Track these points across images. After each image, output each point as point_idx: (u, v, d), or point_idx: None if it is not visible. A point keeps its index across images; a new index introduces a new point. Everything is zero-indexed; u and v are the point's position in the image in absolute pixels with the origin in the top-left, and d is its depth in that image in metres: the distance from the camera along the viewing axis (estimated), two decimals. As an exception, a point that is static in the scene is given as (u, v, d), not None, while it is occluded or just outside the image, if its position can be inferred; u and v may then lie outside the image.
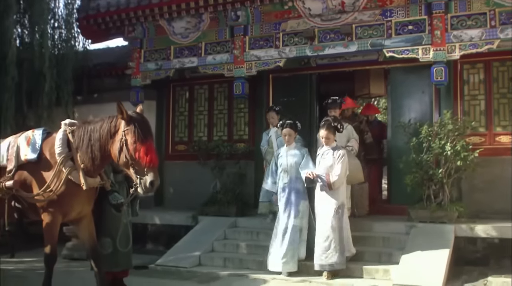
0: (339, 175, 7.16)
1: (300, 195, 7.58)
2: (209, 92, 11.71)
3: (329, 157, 7.32)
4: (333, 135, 7.36)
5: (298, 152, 7.73)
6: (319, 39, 9.28)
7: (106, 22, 10.71)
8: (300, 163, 7.59)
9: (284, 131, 7.74)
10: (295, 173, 7.60)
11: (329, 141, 7.36)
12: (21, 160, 5.78)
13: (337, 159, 7.23)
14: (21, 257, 8.41)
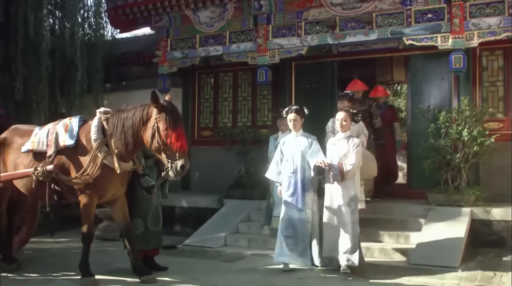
0: (354, 165, 6.57)
1: (307, 186, 6.89)
2: (234, 79, 12.04)
3: (343, 145, 6.74)
4: (350, 121, 6.82)
5: (306, 140, 6.97)
6: (340, 27, 9.49)
7: (134, 12, 11.05)
8: (308, 151, 6.88)
9: (289, 117, 7.03)
10: (301, 162, 6.90)
11: (345, 127, 6.79)
12: (60, 145, 6.20)
13: (352, 147, 6.66)
14: (56, 237, 8.87)
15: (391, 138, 10.58)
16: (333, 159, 6.76)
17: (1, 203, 6.93)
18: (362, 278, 6.31)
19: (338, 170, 6.57)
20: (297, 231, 6.83)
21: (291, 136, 7.11)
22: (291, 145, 7.01)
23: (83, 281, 5.98)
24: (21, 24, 10.67)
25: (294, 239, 6.81)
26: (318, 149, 6.86)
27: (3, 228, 7.03)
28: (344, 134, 6.83)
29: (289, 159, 6.96)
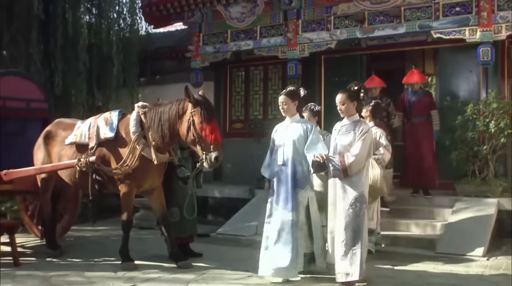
0: (358, 155, 5.35)
1: (300, 182, 5.68)
2: (264, 73, 12.29)
3: (349, 132, 5.53)
4: (352, 103, 5.59)
5: (300, 127, 5.79)
6: (369, 21, 9.64)
7: (167, 8, 11.35)
8: (302, 141, 5.71)
9: (279, 99, 5.95)
10: (293, 153, 5.73)
11: (347, 111, 5.60)
12: (101, 138, 6.56)
13: (359, 134, 5.44)
14: (95, 226, 9.30)
15: (428, 129, 9.25)
16: (337, 149, 5.60)
17: (46, 192, 7.35)
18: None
19: (339, 164, 5.39)
20: (282, 236, 5.67)
21: (284, 123, 5.98)
22: (283, 133, 5.89)
23: (124, 266, 6.33)
24: (60, 22, 11.13)
25: (279, 246, 5.68)
26: (317, 139, 5.72)
27: (47, 216, 7.44)
28: (350, 119, 5.62)
29: (279, 149, 5.84)
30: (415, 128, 9.17)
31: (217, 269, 6.34)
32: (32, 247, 8.00)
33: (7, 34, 10.92)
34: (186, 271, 6.22)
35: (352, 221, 5.40)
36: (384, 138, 7.09)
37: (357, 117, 5.64)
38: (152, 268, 6.39)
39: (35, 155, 7.31)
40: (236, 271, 6.27)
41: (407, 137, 9.25)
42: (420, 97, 9.36)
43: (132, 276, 5.97)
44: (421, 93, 9.49)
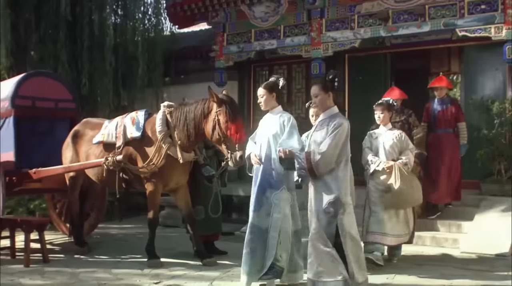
0: (325, 153, 4.64)
1: (274, 182, 5.17)
2: (288, 72, 12.32)
3: (323, 128, 4.85)
4: (327, 94, 4.89)
5: (278, 120, 5.31)
6: (393, 20, 9.61)
7: (191, 9, 11.46)
8: (278, 136, 5.21)
9: (258, 92, 5.58)
10: (268, 150, 5.27)
11: (321, 104, 4.95)
12: (128, 137, 6.68)
13: (330, 129, 4.73)
14: (121, 224, 9.45)
15: (454, 142, 8.36)
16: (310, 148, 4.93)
17: (74, 191, 7.50)
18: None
19: (304, 163, 4.74)
20: (255, 242, 5.23)
21: (265, 118, 5.60)
22: (262, 128, 5.50)
23: (150, 263, 6.43)
24: (86, 23, 11.31)
25: (252, 253, 5.25)
26: (291, 133, 5.17)
27: (75, 214, 7.59)
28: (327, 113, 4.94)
29: (257, 146, 5.43)
30: (440, 141, 8.29)
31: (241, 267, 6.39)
32: (60, 244, 8.18)
33: (35, 36, 11.14)
34: (211, 269, 6.30)
35: (323, 228, 4.66)
36: (410, 141, 6.70)
37: (334, 111, 4.89)
38: (178, 265, 6.47)
39: (63, 154, 7.46)
40: (261, 269, 6.30)
41: (431, 150, 8.25)
42: (447, 107, 8.40)
43: (158, 273, 6.06)
44: (448, 102, 8.46)
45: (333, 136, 4.69)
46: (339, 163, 4.73)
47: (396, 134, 6.55)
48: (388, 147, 6.48)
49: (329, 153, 4.66)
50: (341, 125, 4.73)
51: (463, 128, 8.40)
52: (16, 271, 6.19)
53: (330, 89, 4.90)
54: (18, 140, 7.58)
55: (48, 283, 5.67)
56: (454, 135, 8.40)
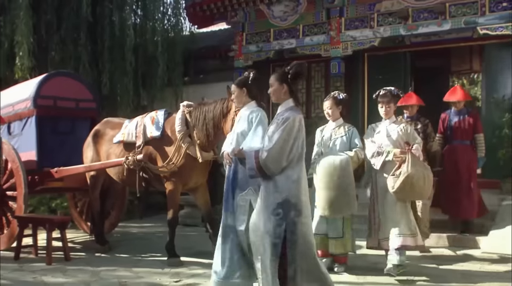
0: (272, 149, 4.20)
1: (240, 183, 4.85)
2: (307, 71, 12.26)
3: (273, 124, 4.41)
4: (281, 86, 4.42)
5: (247, 117, 5.04)
6: (413, 18, 9.57)
7: (210, 9, 11.54)
8: (246, 134, 4.97)
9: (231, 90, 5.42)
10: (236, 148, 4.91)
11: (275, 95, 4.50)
12: (148, 136, 6.72)
13: (280, 124, 4.28)
14: (141, 222, 9.53)
15: (471, 155, 7.73)
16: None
17: (95, 190, 7.57)
18: None
19: (253, 161, 4.31)
20: (219, 241, 4.96)
21: (238, 114, 5.37)
22: (234, 127, 5.30)
23: (170, 261, 6.47)
24: (107, 24, 11.45)
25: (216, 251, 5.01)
26: (256, 130, 4.89)
27: (96, 212, 7.67)
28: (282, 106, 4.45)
29: (228, 144, 5.18)
30: (456, 154, 7.70)
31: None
32: (81, 242, 8.26)
33: (56, 37, 11.29)
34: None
35: (271, 232, 4.21)
36: (417, 135, 6.19)
37: (288, 104, 4.42)
38: (197, 264, 6.49)
39: (84, 153, 7.54)
40: (280, 267, 6.31)
41: (446, 163, 7.62)
42: (464, 117, 7.79)
43: (178, 271, 6.09)
44: (465, 113, 7.83)
45: (281, 131, 4.24)
46: (290, 160, 4.26)
47: (402, 127, 6.01)
48: (394, 139, 5.94)
49: (276, 150, 4.21)
50: (289, 119, 4.26)
51: (481, 140, 7.78)
52: (38, 269, 6.27)
53: (285, 81, 4.42)
54: (40, 139, 7.69)
55: (69, 281, 5.73)
56: (472, 147, 7.78)
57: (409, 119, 7.21)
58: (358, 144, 5.98)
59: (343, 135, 6.04)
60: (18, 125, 8.01)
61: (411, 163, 5.63)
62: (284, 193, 4.23)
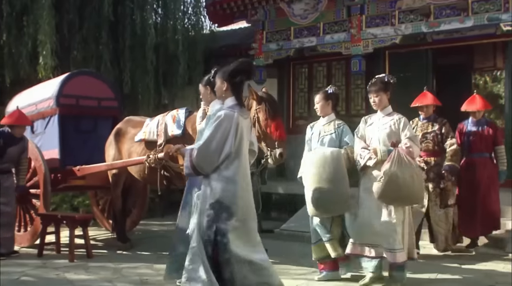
0: (201, 148, 4.16)
1: (197, 181, 4.66)
2: (327, 69, 12.27)
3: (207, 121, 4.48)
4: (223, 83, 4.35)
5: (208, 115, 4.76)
6: (435, 15, 9.49)
7: (230, 7, 11.56)
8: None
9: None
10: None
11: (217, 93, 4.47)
12: (169, 135, 6.74)
13: (211, 122, 4.27)
14: (162, 220, 9.57)
15: (491, 168, 7.15)
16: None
17: (116, 188, 7.62)
18: None
19: (188, 158, 4.23)
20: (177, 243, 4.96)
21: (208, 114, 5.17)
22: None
23: (191, 259, 6.49)
24: (128, 23, 11.54)
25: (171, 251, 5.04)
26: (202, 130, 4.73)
27: (118, 210, 7.72)
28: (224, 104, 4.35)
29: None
30: (474, 167, 7.06)
31: (282, 264, 6.40)
32: (103, 240, 8.33)
33: (78, 36, 11.41)
34: (251, 266, 6.30)
35: (196, 233, 4.17)
36: (409, 128, 5.34)
37: (228, 103, 4.32)
38: (218, 262, 6.50)
39: (106, 151, 7.60)
40: (301, 266, 6.32)
41: (463, 177, 7.01)
42: (483, 128, 7.17)
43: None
44: (484, 123, 7.24)
45: (211, 129, 4.17)
46: (224, 160, 4.16)
47: (395, 120, 5.34)
48: (384, 135, 5.28)
49: (204, 148, 4.14)
50: (221, 116, 4.17)
51: (502, 152, 7.15)
52: (61, 266, 6.34)
53: (226, 78, 4.32)
54: (63, 138, 7.77)
55: (92, 278, 5.79)
56: (491, 160, 7.18)
57: (425, 120, 6.97)
58: (349, 142, 5.57)
59: (332, 133, 5.66)
60: (41, 124, 8.11)
61: (397, 161, 4.97)
62: (217, 194, 4.14)
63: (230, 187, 4.16)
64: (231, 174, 4.17)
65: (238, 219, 4.13)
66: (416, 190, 5.08)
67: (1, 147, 7.02)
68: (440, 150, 6.84)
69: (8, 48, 10.82)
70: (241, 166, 4.24)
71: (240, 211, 4.15)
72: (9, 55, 10.85)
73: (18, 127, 7.15)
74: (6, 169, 7.13)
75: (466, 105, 7.35)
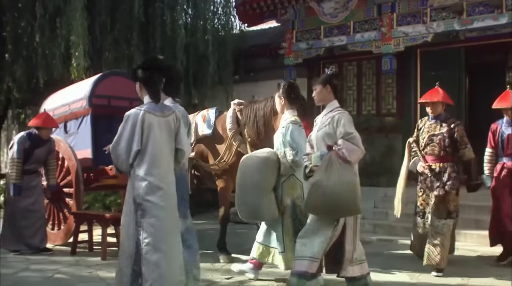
0: (112, 148, 4.30)
1: None
2: (358, 68, 12.19)
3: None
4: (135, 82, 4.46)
5: None
6: (468, 13, 9.35)
7: (260, 7, 11.58)
8: None
9: None
10: None
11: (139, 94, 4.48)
12: (199, 135, 6.79)
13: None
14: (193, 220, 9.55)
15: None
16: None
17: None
18: None
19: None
20: None
21: None
22: None
23: (221, 258, 6.52)
24: (158, 23, 11.65)
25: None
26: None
27: (149, 209, 7.77)
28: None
29: None
30: (509, 173, 6.29)
31: (313, 264, 6.36)
32: (134, 238, 8.38)
33: (110, 37, 11.53)
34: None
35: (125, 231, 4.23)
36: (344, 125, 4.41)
37: (145, 101, 4.38)
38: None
39: (138, 151, 7.64)
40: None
41: (497, 183, 6.35)
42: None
43: (229, 268, 6.10)
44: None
45: (119, 129, 4.28)
46: (134, 158, 4.20)
47: (331, 117, 4.50)
48: (320, 137, 4.58)
49: (114, 147, 4.25)
50: (129, 115, 4.27)
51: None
52: (93, 264, 6.42)
53: (139, 77, 4.39)
54: (95, 138, 7.84)
55: (124, 276, 5.84)
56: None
57: (434, 120, 6.08)
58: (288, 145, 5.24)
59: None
60: (74, 124, 8.21)
61: (325, 167, 4.32)
62: (134, 191, 4.19)
63: (143, 184, 4.16)
64: (141, 172, 4.18)
65: (152, 216, 4.13)
66: (348, 199, 4.27)
67: (29, 149, 7.20)
68: (447, 155, 5.93)
69: (41, 49, 11.00)
70: (153, 163, 4.21)
71: (153, 209, 4.14)
72: (43, 57, 11.02)
73: (44, 129, 7.28)
74: (33, 170, 7.32)
75: (498, 102, 6.54)
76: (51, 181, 7.42)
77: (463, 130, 6.01)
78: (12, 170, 7.11)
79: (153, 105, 4.33)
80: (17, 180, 7.06)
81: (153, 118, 4.25)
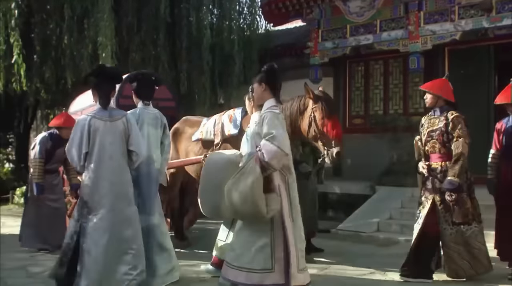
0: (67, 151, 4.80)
1: None
2: (384, 67, 12.08)
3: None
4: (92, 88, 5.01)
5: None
6: (497, 10, 9.18)
7: (286, 6, 11.54)
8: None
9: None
10: None
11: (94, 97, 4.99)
12: (225, 134, 6.78)
13: None
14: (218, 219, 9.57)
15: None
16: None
17: (174, 187, 7.72)
18: None
19: None
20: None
21: None
22: None
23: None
24: (184, 24, 11.73)
25: None
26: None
27: (175, 209, 7.84)
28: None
29: None
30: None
31: (339, 265, 6.36)
32: (161, 238, 8.43)
33: (137, 38, 11.65)
34: (309, 266, 6.21)
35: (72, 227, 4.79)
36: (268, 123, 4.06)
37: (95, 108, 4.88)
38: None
39: (164, 151, 7.71)
40: (358, 267, 6.25)
41: (502, 184, 5.80)
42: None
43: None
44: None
45: (71, 132, 4.77)
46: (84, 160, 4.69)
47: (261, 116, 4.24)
48: (251, 137, 4.43)
49: (69, 150, 4.71)
50: (78, 121, 4.78)
51: None
52: (121, 263, 6.47)
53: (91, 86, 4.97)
54: (123, 138, 7.92)
55: (151, 275, 5.89)
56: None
57: (433, 115, 5.66)
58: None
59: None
60: (102, 125, 8.30)
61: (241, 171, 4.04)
62: (82, 189, 4.71)
63: (89, 183, 4.65)
64: (89, 172, 4.66)
65: (95, 214, 4.58)
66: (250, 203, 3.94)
67: (50, 149, 7.40)
68: (448, 152, 5.44)
69: (69, 51, 11.16)
70: (98, 164, 4.66)
71: (99, 208, 4.60)
72: (71, 58, 11.19)
73: (65, 129, 7.37)
74: (55, 169, 7.59)
75: (500, 97, 6.08)
76: (73, 180, 7.52)
77: (461, 122, 5.42)
78: (35, 170, 7.33)
79: (101, 111, 4.78)
80: (39, 179, 7.27)
81: (99, 123, 4.70)
